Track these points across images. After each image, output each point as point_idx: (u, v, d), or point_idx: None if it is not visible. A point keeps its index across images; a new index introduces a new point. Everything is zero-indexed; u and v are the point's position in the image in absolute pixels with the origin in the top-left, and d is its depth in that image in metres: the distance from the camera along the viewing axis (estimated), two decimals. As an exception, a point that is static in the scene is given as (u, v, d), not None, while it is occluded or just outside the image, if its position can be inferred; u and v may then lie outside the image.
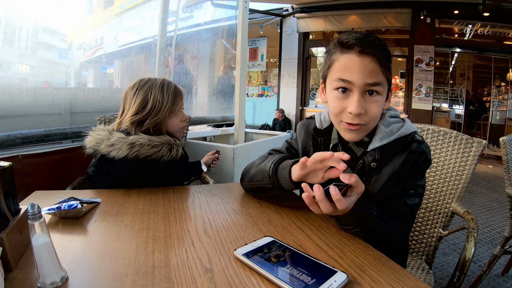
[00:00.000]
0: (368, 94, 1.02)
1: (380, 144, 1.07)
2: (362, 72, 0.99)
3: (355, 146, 1.13)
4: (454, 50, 9.39)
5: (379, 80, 1.00)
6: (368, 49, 0.97)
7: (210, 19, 4.12)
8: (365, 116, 1.02)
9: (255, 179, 1.23)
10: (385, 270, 0.77)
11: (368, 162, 1.09)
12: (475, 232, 1.35)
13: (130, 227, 0.98)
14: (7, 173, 0.81)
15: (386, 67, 1.01)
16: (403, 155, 1.08)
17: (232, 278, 0.72)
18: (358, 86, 0.99)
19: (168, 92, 1.62)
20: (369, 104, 1.01)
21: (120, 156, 1.39)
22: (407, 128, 1.10)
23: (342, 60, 1.02)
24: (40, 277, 0.67)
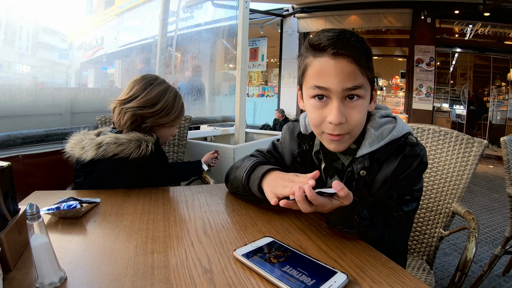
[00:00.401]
0: (348, 99, 0.93)
1: (369, 150, 0.99)
2: (338, 76, 0.89)
3: (341, 155, 1.06)
4: (454, 50, 9.40)
5: (359, 83, 0.91)
6: (342, 50, 0.88)
7: (211, 19, 4.12)
8: (346, 125, 0.93)
9: (234, 185, 1.22)
10: (385, 271, 0.76)
11: (357, 170, 1.01)
12: (476, 232, 1.34)
13: (130, 227, 0.98)
14: (6, 173, 0.81)
15: (366, 66, 0.92)
16: (396, 160, 1.00)
17: (232, 279, 0.71)
18: (336, 93, 0.91)
19: (178, 103, 1.65)
20: (349, 111, 0.93)
21: (89, 157, 1.38)
22: (399, 129, 1.01)
23: (316, 65, 0.93)
24: (39, 278, 0.67)
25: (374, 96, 1.03)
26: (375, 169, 1.02)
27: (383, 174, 1.02)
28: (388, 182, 1.02)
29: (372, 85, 0.99)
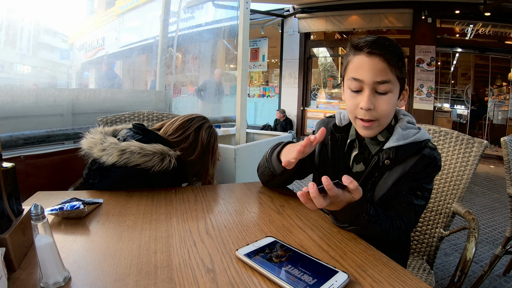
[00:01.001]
0: (378, 93, 1.09)
1: (396, 144, 1.13)
2: (371, 71, 1.06)
3: (370, 144, 1.20)
4: (455, 50, 9.38)
5: (387, 78, 1.06)
6: (376, 50, 1.05)
7: (211, 20, 4.12)
8: (375, 112, 1.09)
9: (260, 164, 1.36)
10: (386, 270, 0.77)
11: (382, 159, 1.14)
12: (476, 232, 1.35)
13: (133, 227, 0.99)
14: (10, 174, 0.82)
15: (396, 66, 1.07)
16: (415, 157, 1.13)
17: (234, 278, 0.72)
18: (368, 84, 1.07)
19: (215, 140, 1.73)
20: (378, 100, 1.09)
21: (110, 162, 1.34)
22: (422, 134, 1.15)
23: (355, 61, 1.10)
24: (43, 277, 0.68)
25: (405, 95, 1.19)
26: (397, 161, 1.14)
27: (402, 167, 1.14)
28: (405, 175, 1.14)
29: (403, 84, 1.14)
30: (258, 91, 12.63)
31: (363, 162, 1.22)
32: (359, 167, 1.22)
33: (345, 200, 0.93)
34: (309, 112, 10.40)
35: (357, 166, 1.23)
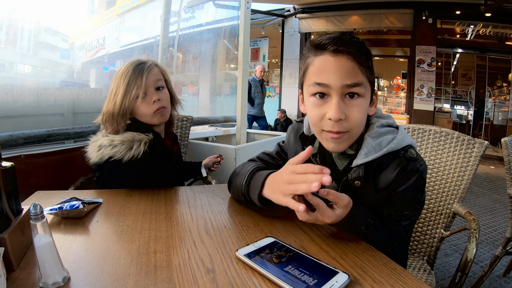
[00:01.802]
0: (348, 97, 0.93)
1: (365, 161, 0.97)
2: (338, 73, 0.91)
3: (337, 159, 1.05)
4: (456, 50, 9.39)
5: (358, 80, 0.91)
6: (342, 47, 0.90)
7: (212, 20, 4.12)
8: (346, 122, 0.93)
9: (235, 193, 1.19)
10: (386, 271, 0.77)
11: (351, 180, 0.99)
12: (476, 232, 1.35)
13: (132, 227, 0.99)
14: (9, 173, 0.81)
15: (366, 66, 0.93)
16: (393, 173, 0.98)
17: (234, 279, 0.72)
18: (335, 89, 0.91)
19: (126, 72, 1.50)
20: (349, 109, 0.93)
21: (92, 160, 1.43)
22: (398, 141, 0.98)
23: (317, 63, 0.94)
24: (42, 277, 0.67)
25: (375, 100, 1.03)
26: (370, 180, 1.01)
27: (379, 184, 1.00)
28: (385, 192, 1.00)
29: (373, 88, 0.99)
30: (259, 91, 12.61)
31: (335, 180, 1.05)
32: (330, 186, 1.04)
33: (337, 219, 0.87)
34: (309, 112, 10.40)
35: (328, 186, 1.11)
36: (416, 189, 1.00)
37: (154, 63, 1.57)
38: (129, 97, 1.47)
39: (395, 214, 1.02)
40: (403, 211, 1.02)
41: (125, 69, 1.50)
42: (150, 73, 1.51)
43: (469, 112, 10.21)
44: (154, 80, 1.53)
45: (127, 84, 1.47)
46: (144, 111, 1.52)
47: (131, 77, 1.48)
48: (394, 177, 0.97)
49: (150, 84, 1.51)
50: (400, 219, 1.02)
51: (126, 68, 1.50)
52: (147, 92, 1.51)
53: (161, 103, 1.53)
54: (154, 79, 1.53)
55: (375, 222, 0.96)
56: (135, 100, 1.49)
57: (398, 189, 0.99)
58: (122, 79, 1.48)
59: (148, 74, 1.50)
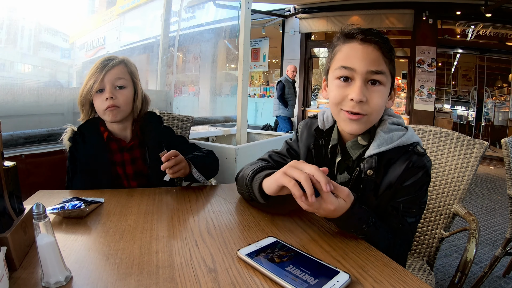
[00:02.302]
0: (370, 84, 1.00)
1: (377, 151, 1.02)
2: (364, 60, 0.98)
3: (351, 149, 1.10)
4: (456, 51, 9.39)
5: (382, 68, 0.99)
6: (370, 36, 0.98)
7: (213, 20, 4.13)
8: (366, 105, 0.99)
9: (239, 183, 1.21)
10: (387, 271, 0.77)
11: (364, 169, 1.04)
12: (476, 233, 1.35)
13: (134, 227, 0.99)
14: (11, 173, 0.82)
15: (389, 58, 1.01)
16: (402, 165, 1.02)
17: (236, 278, 0.72)
18: (360, 73, 0.98)
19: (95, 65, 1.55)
20: (371, 93, 0.99)
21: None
22: (408, 137, 1.04)
23: (345, 49, 1.02)
24: (45, 277, 0.68)
25: (393, 95, 1.10)
26: (381, 171, 1.04)
27: (389, 177, 1.04)
28: (393, 187, 1.03)
29: (393, 81, 1.06)
30: (259, 91, 12.65)
31: (347, 170, 1.12)
32: (343, 177, 1.13)
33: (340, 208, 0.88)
34: (310, 112, 10.42)
35: (341, 176, 1.13)
36: (421, 185, 1.03)
37: (123, 61, 1.60)
38: (86, 88, 1.51)
39: (402, 210, 1.04)
40: (409, 208, 1.04)
41: (94, 64, 1.55)
42: (111, 71, 1.53)
43: (469, 112, 10.21)
44: (113, 78, 1.53)
45: (89, 76, 1.52)
46: (97, 106, 1.55)
47: (94, 70, 1.51)
48: (403, 170, 1.01)
49: (108, 81, 1.52)
50: (406, 215, 1.04)
51: (95, 64, 1.55)
52: (104, 88, 1.52)
53: (113, 101, 1.52)
54: (114, 77, 1.53)
55: (376, 221, 0.97)
56: (92, 93, 1.52)
57: (405, 183, 1.02)
58: (88, 72, 1.54)
59: (108, 71, 1.52)
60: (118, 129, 1.61)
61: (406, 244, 1.07)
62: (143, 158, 1.63)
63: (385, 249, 0.95)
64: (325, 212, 0.88)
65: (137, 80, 1.64)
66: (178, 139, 1.78)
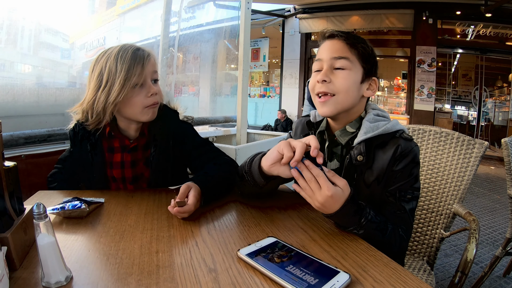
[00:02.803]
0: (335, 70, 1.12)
1: (365, 137, 1.10)
2: (329, 50, 1.13)
3: (340, 137, 1.19)
4: (456, 51, 9.39)
5: (344, 55, 1.11)
6: (337, 33, 1.14)
7: (213, 20, 4.13)
8: (331, 85, 1.11)
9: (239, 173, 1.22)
10: (387, 271, 0.77)
11: (354, 156, 1.11)
12: (476, 233, 1.35)
13: (134, 227, 0.99)
14: (12, 173, 0.82)
15: (355, 48, 1.12)
16: (391, 149, 1.09)
17: (236, 278, 0.72)
18: (326, 61, 1.12)
19: (125, 55, 1.28)
20: (335, 75, 1.11)
21: None
22: (392, 124, 1.13)
23: (320, 48, 1.18)
24: (45, 277, 0.68)
25: (373, 86, 1.19)
26: (371, 156, 1.11)
27: (379, 163, 1.11)
28: (385, 174, 1.10)
29: (369, 72, 1.16)
30: (259, 91, 12.64)
31: (337, 158, 1.21)
32: (333, 164, 1.21)
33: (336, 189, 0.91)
34: (310, 112, 10.40)
35: (331, 163, 1.22)
36: (412, 168, 1.10)
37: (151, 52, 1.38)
38: (128, 85, 1.26)
39: (398, 197, 1.10)
40: (405, 194, 1.10)
41: (121, 51, 1.28)
42: (149, 63, 1.33)
43: (469, 112, 10.22)
44: (152, 71, 1.34)
45: (127, 70, 1.26)
46: (137, 103, 1.31)
47: (131, 62, 1.27)
48: (391, 154, 1.09)
49: (149, 74, 1.33)
50: (403, 202, 1.09)
51: (123, 50, 1.29)
52: (144, 82, 1.32)
53: (157, 97, 1.36)
54: (152, 70, 1.35)
55: (374, 213, 0.99)
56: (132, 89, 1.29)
57: (396, 168, 1.09)
58: (121, 63, 1.26)
59: (148, 61, 1.32)
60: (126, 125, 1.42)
61: (408, 232, 1.09)
62: (145, 161, 1.44)
63: (388, 239, 0.99)
64: (322, 198, 0.90)
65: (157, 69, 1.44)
66: (192, 143, 1.50)
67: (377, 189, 1.11)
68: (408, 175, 1.09)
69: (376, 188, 1.11)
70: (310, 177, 0.92)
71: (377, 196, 1.12)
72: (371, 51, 1.16)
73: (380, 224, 0.99)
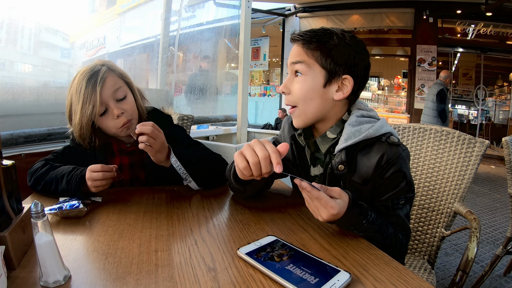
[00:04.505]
0: (295, 75, 1.10)
1: (345, 145, 1.04)
2: (291, 54, 1.11)
3: (321, 144, 1.15)
4: (456, 50, 9.39)
5: (301, 59, 1.07)
6: (296, 37, 1.09)
7: (213, 19, 4.12)
8: (291, 96, 1.10)
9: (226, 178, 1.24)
10: (388, 270, 0.77)
11: (335, 165, 1.05)
12: (477, 232, 1.34)
13: (133, 226, 0.98)
14: (10, 172, 0.81)
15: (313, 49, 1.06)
16: (375, 157, 1.03)
17: (236, 277, 0.72)
18: (288, 67, 1.12)
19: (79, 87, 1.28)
20: (293, 84, 1.10)
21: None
22: (376, 128, 1.05)
23: None
24: (43, 276, 0.67)
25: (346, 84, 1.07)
26: (353, 165, 1.06)
27: (363, 170, 1.05)
28: (371, 181, 1.05)
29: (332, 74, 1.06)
30: (259, 90, 12.65)
31: (321, 164, 1.17)
32: (317, 170, 1.18)
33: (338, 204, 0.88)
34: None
35: (315, 168, 1.18)
36: (402, 176, 1.05)
37: (108, 68, 1.35)
38: (86, 118, 1.28)
39: (392, 206, 1.06)
40: (399, 201, 1.06)
41: (77, 83, 1.29)
42: (104, 85, 1.29)
43: (470, 111, 10.21)
44: (111, 92, 1.32)
45: (82, 104, 1.27)
46: (108, 128, 1.35)
47: (85, 93, 1.27)
48: (376, 161, 1.03)
49: (108, 98, 1.31)
50: (398, 210, 1.06)
51: (78, 83, 1.29)
52: (108, 107, 1.32)
53: (126, 115, 1.35)
54: (112, 91, 1.32)
55: (375, 216, 0.97)
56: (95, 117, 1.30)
57: (385, 176, 1.04)
58: (76, 96, 1.28)
59: (102, 87, 1.29)
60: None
61: (407, 236, 1.07)
62: (141, 164, 1.47)
63: (388, 242, 0.97)
64: (327, 216, 0.87)
65: (128, 80, 1.44)
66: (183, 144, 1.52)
67: (365, 191, 1.07)
68: (397, 184, 1.04)
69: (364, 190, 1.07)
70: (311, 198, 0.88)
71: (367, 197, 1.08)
72: (339, 48, 1.05)
73: (381, 227, 0.97)
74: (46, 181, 1.24)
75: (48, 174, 1.25)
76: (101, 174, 1.20)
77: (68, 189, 1.19)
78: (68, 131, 1.46)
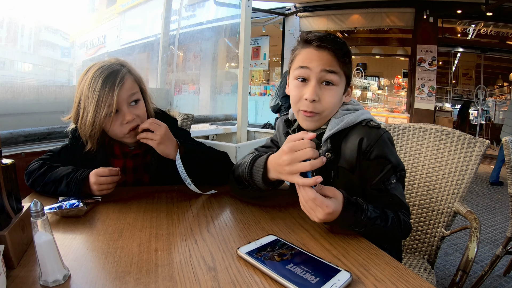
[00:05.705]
0: (324, 84, 1.09)
1: (329, 134, 1.11)
2: (319, 61, 1.07)
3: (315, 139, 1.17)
4: (457, 49, 9.38)
5: (335, 69, 1.07)
6: (325, 43, 1.06)
7: (213, 18, 4.12)
8: (319, 104, 1.09)
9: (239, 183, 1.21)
10: (388, 269, 0.76)
11: (323, 153, 1.12)
12: (477, 231, 1.34)
13: (133, 225, 0.98)
14: (10, 171, 0.81)
15: (343, 61, 1.09)
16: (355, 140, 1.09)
17: (236, 277, 0.71)
18: (315, 73, 1.07)
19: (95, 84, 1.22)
20: (324, 92, 1.09)
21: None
22: (355, 116, 1.13)
23: (303, 53, 1.11)
24: (43, 275, 0.67)
25: (350, 91, 1.19)
26: (339, 151, 1.13)
27: (346, 154, 1.11)
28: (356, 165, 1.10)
29: (348, 82, 1.15)
30: (259, 89, 12.64)
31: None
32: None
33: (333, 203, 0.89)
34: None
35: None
36: (388, 155, 1.09)
37: (127, 71, 1.31)
38: (99, 116, 1.23)
39: (384, 187, 1.08)
40: (390, 181, 1.09)
41: (92, 79, 1.23)
42: (123, 88, 1.25)
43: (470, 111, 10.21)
44: (127, 96, 1.28)
45: (96, 102, 1.22)
46: (113, 131, 1.30)
47: (100, 92, 1.21)
48: (357, 143, 1.09)
49: (123, 101, 1.27)
50: (392, 189, 1.08)
51: (93, 79, 1.23)
52: (119, 109, 1.27)
53: (136, 122, 1.30)
54: (128, 94, 1.28)
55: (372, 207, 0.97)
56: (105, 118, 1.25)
57: (370, 157, 1.09)
58: (90, 93, 1.22)
59: (120, 89, 1.24)
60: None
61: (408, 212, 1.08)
62: (145, 166, 1.44)
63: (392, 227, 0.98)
64: (322, 216, 0.89)
65: (143, 85, 1.40)
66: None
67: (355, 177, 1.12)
68: (384, 164, 1.08)
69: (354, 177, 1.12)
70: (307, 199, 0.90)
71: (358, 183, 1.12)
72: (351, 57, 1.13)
73: (381, 214, 0.98)
74: (44, 182, 1.24)
75: (46, 176, 1.24)
76: (109, 179, 1.21)
77: (68, 191, 1.19)
78: (67, 129, 1.44)
